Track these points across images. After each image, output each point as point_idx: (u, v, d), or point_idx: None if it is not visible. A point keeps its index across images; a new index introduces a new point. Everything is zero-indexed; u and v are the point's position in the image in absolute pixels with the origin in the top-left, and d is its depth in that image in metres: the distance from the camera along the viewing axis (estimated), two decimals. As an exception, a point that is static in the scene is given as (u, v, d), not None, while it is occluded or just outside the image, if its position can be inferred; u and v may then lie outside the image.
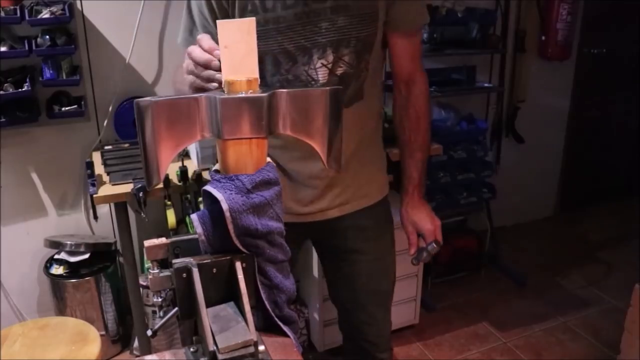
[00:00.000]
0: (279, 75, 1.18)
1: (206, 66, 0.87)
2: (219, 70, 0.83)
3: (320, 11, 1.11)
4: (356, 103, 1.23)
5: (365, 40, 1.18)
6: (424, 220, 1.36)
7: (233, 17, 1.13)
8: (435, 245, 1.36)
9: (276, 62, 1.16)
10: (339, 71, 1.18)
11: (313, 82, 1.17)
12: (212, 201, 0.80)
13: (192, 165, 1.95)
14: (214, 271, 0.80)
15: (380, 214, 1.41)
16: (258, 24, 1.08)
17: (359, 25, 1.15)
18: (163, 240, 0.81)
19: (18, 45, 1.96)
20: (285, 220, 0.85)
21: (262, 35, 1.09)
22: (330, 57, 1.16)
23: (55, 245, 2.20)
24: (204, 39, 0.88)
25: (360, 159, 1.31)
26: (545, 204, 3.64)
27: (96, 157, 2.11)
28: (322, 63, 1.16)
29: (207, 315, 0.76)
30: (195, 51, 0.88)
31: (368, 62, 1.21)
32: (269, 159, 0.83)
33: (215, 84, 0.87)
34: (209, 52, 0.86)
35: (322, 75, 1.18)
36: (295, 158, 1.26)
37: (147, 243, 0.80)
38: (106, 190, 1.86)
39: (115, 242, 2.30)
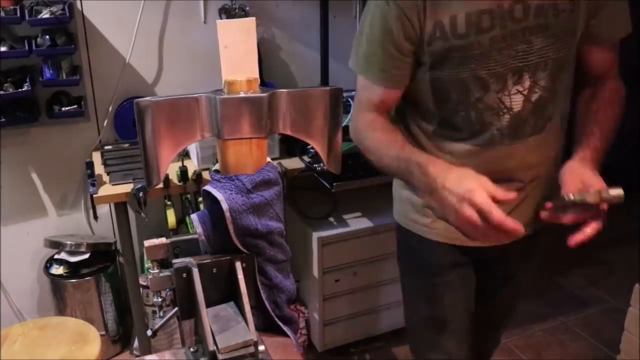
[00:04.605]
0: (466, 104, 1.08)
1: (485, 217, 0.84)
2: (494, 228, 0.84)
3: (518, 33, 1.01)
4: (549, 124, 1.13)
5: (560, 60, 1.07)
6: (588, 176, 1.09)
7: (420, 44, 1.03)
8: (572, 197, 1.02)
9: (464, 89, 1.06)
10: (534, 97, 1.07)
11: (505, 110, 1.07)
12: (212, 201, 0.80)
13: (192, 165, 1.95)
14: (214, 271, 0.80)
15: (543, 243, 1.34)
16: (448, 50, 1.01)
17: (557, 45, 1.04)
18: (163, 240, 0.81)
19: (18, 45, 1.96)
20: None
21: (453, 63, 1.03)
22: (527, 83, 1.05)
23: (55, 245, 2.19)
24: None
25: (544, 182, 1.20)
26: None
27: (96, 157, 2.11)
28: (517, 89, 1.06)
29: (207, 315, 0.76)
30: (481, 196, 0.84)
31: (562, 82, 1.11)
32: (269, 159, 0.83)
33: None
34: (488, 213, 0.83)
35: (516, 102, 1.07)
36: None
37: (147, 243, 0.81)
38: (106, 190, 1.86)
39: (115, 242, 2.29)
